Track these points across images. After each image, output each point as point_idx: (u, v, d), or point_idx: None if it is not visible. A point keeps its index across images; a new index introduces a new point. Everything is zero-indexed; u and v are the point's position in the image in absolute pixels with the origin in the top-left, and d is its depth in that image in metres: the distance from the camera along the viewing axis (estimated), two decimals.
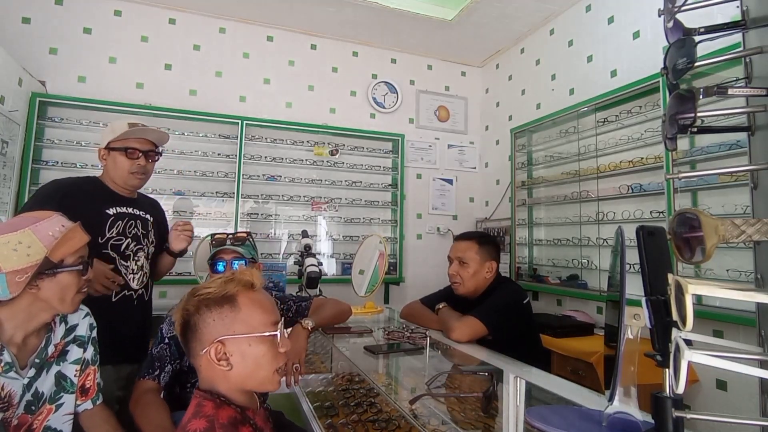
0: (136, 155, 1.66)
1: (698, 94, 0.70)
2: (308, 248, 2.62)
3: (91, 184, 1.69)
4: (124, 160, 1.65)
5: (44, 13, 3.08)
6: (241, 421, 0.89)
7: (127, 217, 1.68)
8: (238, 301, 0.92)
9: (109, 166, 1.68)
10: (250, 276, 0.96)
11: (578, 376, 2.26)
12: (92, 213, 1.58)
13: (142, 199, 1.83)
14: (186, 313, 0.92)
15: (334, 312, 1.74)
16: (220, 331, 0.90)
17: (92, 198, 1.63)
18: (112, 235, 1.62)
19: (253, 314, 0.92)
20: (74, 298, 1.16)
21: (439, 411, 1.21)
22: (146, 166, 1.70)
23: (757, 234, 0.61)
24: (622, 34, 2.77)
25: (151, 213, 1.79)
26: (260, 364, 0.91)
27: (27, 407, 1.12)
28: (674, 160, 2.05)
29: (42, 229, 1.09)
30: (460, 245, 1.94)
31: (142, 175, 1.70)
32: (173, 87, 3.34)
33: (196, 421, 0.84)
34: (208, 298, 0.92)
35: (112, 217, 1.64)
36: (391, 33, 3.73)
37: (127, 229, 1.66)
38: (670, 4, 0.76)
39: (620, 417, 0.78)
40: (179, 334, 0.95)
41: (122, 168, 1.66)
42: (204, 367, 0.92)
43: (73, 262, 1.14)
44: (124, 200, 1.71)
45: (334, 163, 3.68)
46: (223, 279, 0.95)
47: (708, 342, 0.62)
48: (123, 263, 1.64)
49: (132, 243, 1.67)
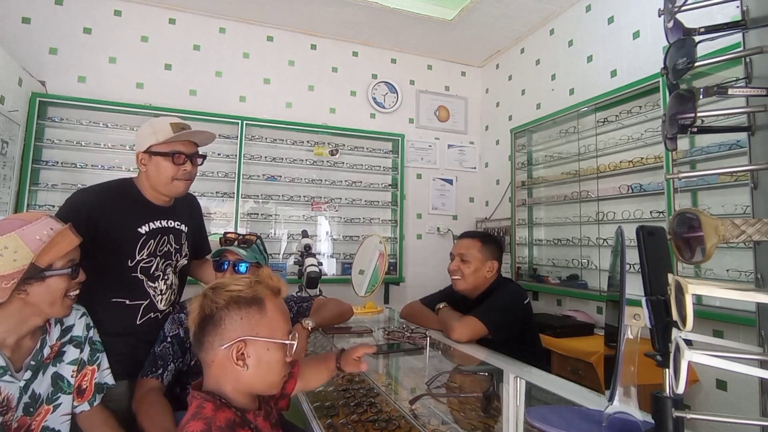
0: (182, 160, 1.50)
1: (698, 94, 0.70)
2: (308, 248, 2.62)
3: (123, 192, 1.53)
4: (169, 166, 1.48)
5: (44, 13, 3.08)
6: (240, 424, 0.88)
7: (160, 233, 1.53)
8: (266, 305, 0.94)
9: (151, 173, 1.50)
10: (277, 282, 0.98)
11: (578, 376, 2.26)
12: (123, 231, 1.47)
13: (179, 204, 1.65)
14: (214, 306, 0.92)
15: (335, 312, 1.74)
16: (246, 331, 0.91)
17: (123, 212, 1.48)
18: (142, 257, 1.49)
19: (276, 320, 0.94)
20: (64, 302, 1.14)
21: (439, 411, 1.21)
22: (192, 171, 1.55)
23: (757, 234, 0.61)
24: (622, 34, 2.77)
25: (187, 221, 1.65)
26: (272, 370, 0.93)
27: (25, 409, 1.12)
28: (674, 160, 2.04)
29: (29, 234, 1.07)
30: (463, 242, 1.95)
31: (188, 181, 1.55)
32: (173, 87, 3.34)
33: (194, 422, 0.84)
34: (240, 296, 0.93)
35: (144, 236, 1.50)
36: (391, 33, 3.73)
37: (158, 247, 1.53)
38: (670, 4, 0.76)
39: (620, 417, 0.78)
40: (196, 324, 0.93)
41: (166, 175, 1.49)
42: (216, 363, 0.91)
43: (62, 265, 1.12)
44: (159, 211, 1.55)
45: (334, 163, 3.68)
46: (251, 280, 0.96)
47: (708, 342, 0.62)
48: (150, 284, 1.51)
49: (161, 261, 1.53)
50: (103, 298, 1.44)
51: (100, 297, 1.43)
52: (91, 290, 1.43)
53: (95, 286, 1.42)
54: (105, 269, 1.43)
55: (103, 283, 1.43)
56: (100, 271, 1.38)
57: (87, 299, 1.39)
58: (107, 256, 1.44)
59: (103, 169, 3.07)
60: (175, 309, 1.58)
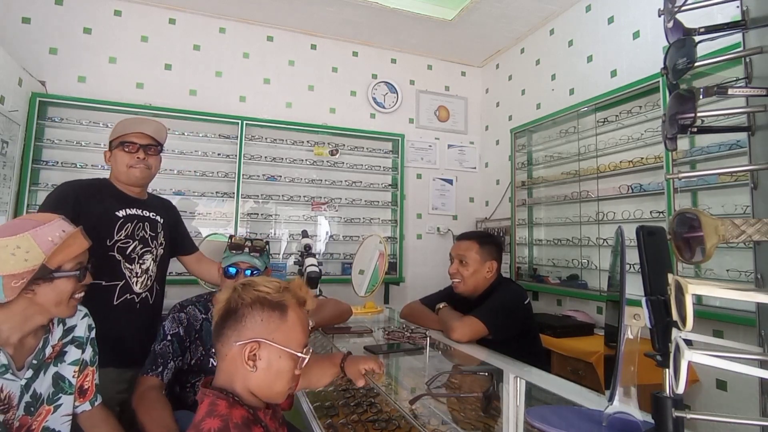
0: (134, 149, 1.64)
1: (698, 94, 0.70)
2: (308, 248, 2.62)
3: (101, 186, 1.68)
4: (123, 155, 1.64)
5: (44, 13, 3.07)
6: (254, 421, 0.90)
7: (136, 219, 1.66)
8: (288, 312, 0.95)
9: (113, 165, 1.67)
10: (305, 294, 1.00)
11: (578, 376, 2.26)
12: (103, 215, 1.59)
13: (153, 200, 1.81)
14: (241, 301, 0.93)
15: (335, 312, 1.74)
16: (262, 333, 0.92)
17: (103, 199, 1.62)
18: (120, 237, 1.61)
19: (294, 330, 0.95)
20: (70, 303, 1.15)
21: (439, 411, 1.21)
22: (146, 159, 1.66)
23: (757, 234, 0.61)
24: (622, 34, 2.77)
25: (162, 214, 1.77)
26: (280, 379, 0.93)
27: (26, 409, 1.12)
28: (674, 160, 2.05)
29: (42, 234, 1.08)
30: (462, 244, 1.95)
31: (141, 167, 1.66)
32: (173, 87, 3.34)
33: (210, 420, 0.85)
34: (266, 298, 0.94)
35: (122, 219, 1.63)
36: (391, 33, 3.73)
37: (135, 231, 1.65)
38: (670, 4, 0.76)
39: (620, 417, 0.78)
40: (219, 315, 0.95)
41: (122, 163, 1.64)
42: (229, 359, 0.93)
43: (71, 268, 1.13)
44: (134, 201, 1.69)
45: (334, 163, 3.68)
46: (281, 285, 0.98)
47: (708, 342, 0.62)
48: (127, 266, 1.62)
49: (139, 246, 1.65)
50: None
51: None
52: None
53: None
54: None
55: None
56: None
57: None
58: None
59: (102, 169, 3.06)
60: (176, 308, 1.58)
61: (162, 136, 1.73)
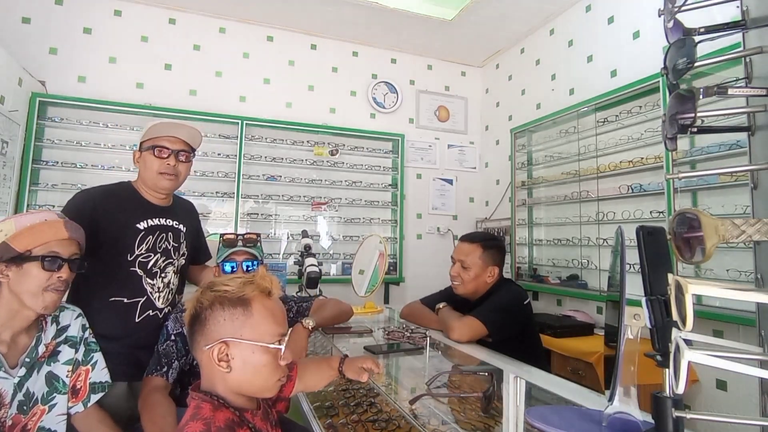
0: (165, 154, 1.54)
1: (698, 94, 0.70)
2: (308, 248, 2.62)
3: (123, 193, 1.58)
4: (153, 159, 1.53)
5: (44, 13, 3.07)
6: (239, 423, 0.88)
7: (158, 230, 1.56)
8: (252, 306, 0.91)
9: (141, 168, 1.57)
10: (269, 283, 0.95)
11: (578, 376, 2.26)
12: (123, 228, 1.50)
13: (178, 205, 1.71)
14: (199, 305, 0.92)
15: (335, 312, 1.74)
16: (228, 332, 0.89)
17: (123, 210, 1.53)
18: (141, 251, 1.52)
19: (263, 322, 0.91)
20: (45, 296, 1.14)
21: (439, 411, 1.21)
22: (176, 166, 1.56)
23: (757, 234, 0.61)
24: (622, 34, 2.77)
25: (185, 221, 1.68)
26: (259, 374, 0.91)
27: (20, 407, 1.12)
28: (674, 160, 2.04)
29: (24, 221, 1.13)
30: (464, 248, 1.91)
31: (172, 176, 1.56)
32: (173, 87, 3.34)
33: (193, 423, 0.84)
34: (224, 296, 0.91)
35: (143, 231, 1.53)
36: (391, 33, 3.73)
37: (157, 243, 1.56)
38: (670, 4, 0.76)
39: (620, 417, 0.78)
40: (188, 324, 0.94)
41: (151, 169, 1.54)
42: (205, 363, 0.92)
43: (40, 253, 1.13)
44: (157, 210, 1.59)
45: (334, 163, 3.68)
46: (242, 280, 0.94)
47: (708, 342, 0.62)
48: (149, 281, 1.52)
49: (161, 259, 1.56)
50: (102, 297, 1.45)
51: (99, 297, 1.45)
52: (91, 290, 1.44)
53: (95, 285, 1.43)
54: (105, 266, 1.45)
55: (102, 281, 1.45)
56: (99, 269, 1.40)
57: (86, 301, 1.40)
58: (107, 253, 1.46)
59: (103, 169, 3.07)
60: (178, 308, 1.58)
61: (196, 141, 1.63)
